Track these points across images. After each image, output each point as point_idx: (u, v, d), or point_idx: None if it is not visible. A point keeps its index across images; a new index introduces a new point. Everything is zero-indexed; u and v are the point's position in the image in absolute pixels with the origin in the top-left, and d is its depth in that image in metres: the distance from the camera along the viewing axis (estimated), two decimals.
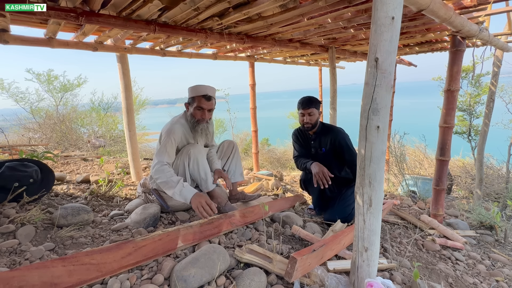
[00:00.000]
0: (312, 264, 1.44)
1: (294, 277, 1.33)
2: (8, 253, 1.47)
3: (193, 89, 2.06)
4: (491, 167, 6.40)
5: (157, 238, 1.50)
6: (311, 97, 2.41)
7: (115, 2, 1.98)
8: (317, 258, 1.48)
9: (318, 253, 1.48)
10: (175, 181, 1.83)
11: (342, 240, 1.77)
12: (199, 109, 2.05)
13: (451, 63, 2.47)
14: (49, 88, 8.91)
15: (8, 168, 1.98)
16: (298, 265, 1.33)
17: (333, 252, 1.67)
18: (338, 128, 2.49)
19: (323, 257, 1.56)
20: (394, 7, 1.09)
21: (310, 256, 1.42)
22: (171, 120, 2.16)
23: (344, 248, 1.80)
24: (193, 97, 2.05)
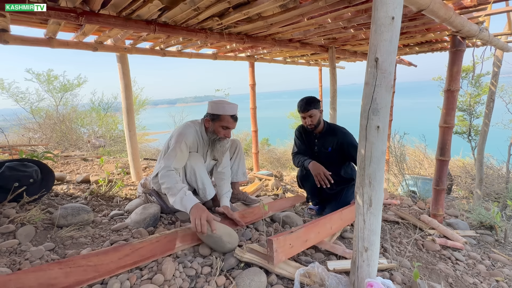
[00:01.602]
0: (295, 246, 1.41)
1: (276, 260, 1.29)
2: (8, 253, 1.47)
3: (220, 106, 1.95)
4: (491, 167, 6.40)
5: (154, 240, 1.50)
6: (309, 99, 2.39)
7: (115, 2, 1.98)
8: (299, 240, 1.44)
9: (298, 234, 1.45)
10: (178, 189, 1.71)
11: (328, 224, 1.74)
12: (225, 128, 1.98)
13: (451, 63, 2.47)
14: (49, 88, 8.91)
15: (8, 168, 1.98)
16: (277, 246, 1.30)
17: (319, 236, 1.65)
18: (343, 129, 2.49)
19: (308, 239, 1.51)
20: (394, 7, 1.09)
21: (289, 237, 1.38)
22: (184, 124, 2.06)
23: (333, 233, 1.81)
24: (219, 115, 1.95)
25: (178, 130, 1.97)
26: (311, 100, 2.38)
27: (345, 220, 2.04)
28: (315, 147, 2.53)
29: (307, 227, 1.59)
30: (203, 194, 2.08)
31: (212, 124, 1.99)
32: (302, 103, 2.38)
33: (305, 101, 2.37)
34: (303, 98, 2.42)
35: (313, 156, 2.55)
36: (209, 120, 1.99)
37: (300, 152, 2.57)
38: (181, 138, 1.89)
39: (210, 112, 1.99)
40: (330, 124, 2.51)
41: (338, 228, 1.87)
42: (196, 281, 1.34)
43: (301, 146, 2.59)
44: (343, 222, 2.02)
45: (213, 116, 1.97)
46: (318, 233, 1.64)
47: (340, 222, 1.98)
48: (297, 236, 1.46)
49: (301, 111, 2.39)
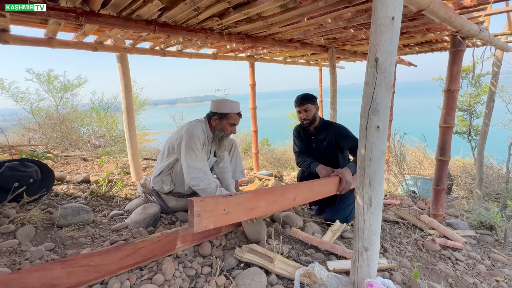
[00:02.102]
0: (233, 213, 1.21)
1: (197, 227, 1.08)
2: (8, 253, 1.47)
3: (228, 105, 2.06)
4: (491, 167, 6.40)
5: (155, 240, 1.50)
6: (306, 94, 2.47)
7: (115, 2, 1.98)
8: (241, 207, 1.25)
9: (239, 199, 1.25)
10: (213, 188, 1.86)
11: (289, 193, 1.57)
12: (232, 125, 2.10)
13: (451, 63, 2.47)
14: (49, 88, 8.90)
15: (8, 168, 1.98)
16: (200, 209, 1.09)
17: (275, 206, 1.47)
18: (338, 124, 2.54)
19: (256, 208, 1.34)
20: (394, 7, 1.09)
21: (222, 201, 1.18)
22: (190, 123, 2.08)
23: (297, 205, 1.72)
24: (226, 114, 2.05)
25: (187, 131, 1.97)
26: (308, 96, 2.45)
27: (316, 193, 1.84)
28: (313, 144, 2.55)
29: (256, 193, 1.39)
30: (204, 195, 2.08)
31: (220, 122, 2.07)
32: (299, 98, 2.46)
33: (302, 96, 2.45)
34: (300, 94, 2.49)
35: (312, 152, 2.58)
36: (217, 118, 2.06)
37: (301, 151, 2.60)
38: (194, 137, 1.93)
39: (217, 111, 2.05)
40: (326, 121, 2.55)
41: (304, 200, 1.67)
42: (196, 281, 1.34)
43: (301, 144, 2.62)
44: (313, 195, 1.81)
45: (220, 115, 2.05)
46: (273, 203, 1.46)
47: (309, 194, 1.77)
48: (237, 201, 1.26)
49: (297, 105, 2.45)
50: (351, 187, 2.13)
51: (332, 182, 2.04)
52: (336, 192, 2.07)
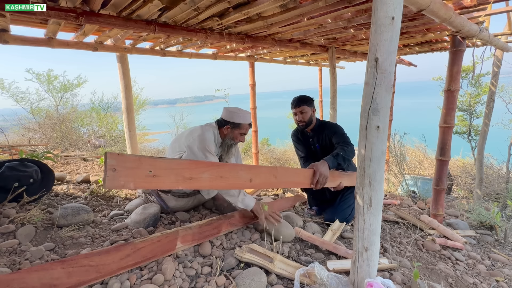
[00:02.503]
0: (162, 177, 1.10)
1: (110, 182, 0.95)
2: (8, 253, 1.47)
3: (242, 116, 2.10)
4: (491, 167, 6.40)
5: (155, 240, 1.50)
6: (302, 96, 2.45)
7: (115, 2, 1.98)
8: (174, 172, 1.14)
9: (174, 164, 1.14)
10: (236, 191, 1.91)
11: (243, 172, 1.45)
12: (242, 135, 2.16)
13: (451, 63, 2.47)
14: (49, 88, 8.90)
15: (8, 168, 1.98)
16: (115, 163, 0.96)
17: (223, 182, 1.35)
18: (331, 123, 2.52)
19: (194, 179, 1.22)
20: (394, 7, 1.09)
21: (148, 161, 1.06)
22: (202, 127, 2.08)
23: (255, 188, 1.67)
24: (239, 124, 2.11)
25: (202, 135, 1.98)
26: (303, 98, 2.43)
27: (281, 180, 1.72)
28: (312, 146, 2.55)
29: (197, 162, 1.29)
30: (206, 192, 2.11)
31: (232, 131, 2.12)
32: (295, 99, 2.44)
33: (298, 97, 2.43)
34: (296, 96, 2.47)
35: (313, 154, 2.56)
36: (229, 127, 2.11)
37: (307, 155, 2.57)
38: (208, 142, 1.97)
39: (230, 120, 2.08)
40: (321, 121, 2.54)
41: (264, 184, 1.57)
42: (196, 281, 1.34)
43: (304, 148, 2.60)
44: (277, 181, 1.69)
45: (233, 125, 2.10)
46: (220, 178, 1.34)
47: (271, 179, 1.63)
48: (169, 165, 1.13)
49: (294, 107, 2.43)
50: (328, 181, 2.02)
51: (303, 173, 1.95)
52: (310, 185, 1.98)
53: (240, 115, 2.09)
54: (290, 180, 1.84)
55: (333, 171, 2.15)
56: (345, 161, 2.14)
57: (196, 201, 2.27)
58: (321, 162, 2.02)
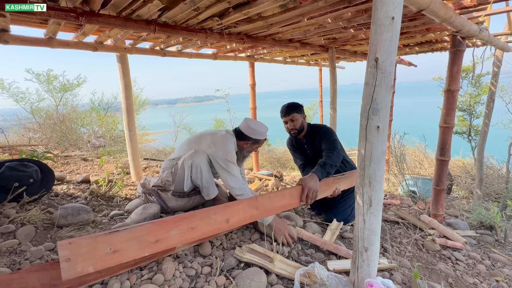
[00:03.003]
0: (124, 251, 1.07)
1: (67, 274, 0.94)
2: (8, 253, 1.47)
3: (263, 133, 2.17)
4: (491, 167, 6.40)
5: None
6: (290, 103, 2.40)
7: (115, 2, 1.98)
8: (135, 241, 1.10)
9: (131, 233, 1.07)
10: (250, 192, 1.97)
11: (216, 215, 1.37)
12: (257, 149, 2.31)
13: (451, 63, 2.47)
14: (49, 88, 8.91)
15: (8, 168, 1.98)
16: (69, 253, 0.94)
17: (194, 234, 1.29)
18: (322, 126, 2.46)
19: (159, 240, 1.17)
20: (394, 7, 1.09)
21: (103, 240, 1.02)
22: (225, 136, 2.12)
23: (233, 228, 1.48)
24: (259, 140, 2.19)
25: (226, 145, 2.04)
26: (292, 105, 2.38)
27: (264, 209, 1.62)
28: (307, 152, 2.52)
29: (161, 222, 1.20)
30: (207, 193, 2.10)
31: (251, 146, 2.22)
32: (284, 108, 2.38)
33: (287, 106, 2.38)
34: (285, 104, 2.41)
35: (310, 161, 2.53)
36: (250, 143, 2.18)
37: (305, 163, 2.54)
38: (232, 153, 2.05)
39: (253, 137, 2.14)
40: (312, 126, 2.48)
41: (244, 220, 1.49)
42: (196, 281, 1.34)
43: (301, 155, 2.57)
44: (259, 212, 1.57)
45: (255, 141, 2.18)
46: (191, 230, 1.29)
47: (253, 212, 1.53)
48: (131, 235, 1.08)
49: (283, 115, 2.38)
50: (321, 192, 1.98)
51: (289, 194, 1.83)
52: (300, 203, 1.91)
53: (262, 132, 2.17)
54: (276, 205, 1.72)
55: (326, 178, 2.10)
56: (332, 167, 2.09)
57: (196, 201, 2.27)
58: (309, 175, 1.96)
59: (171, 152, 9.85)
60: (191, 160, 2.03)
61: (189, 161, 2.04)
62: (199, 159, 2.03)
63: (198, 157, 2.04)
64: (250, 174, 4.56)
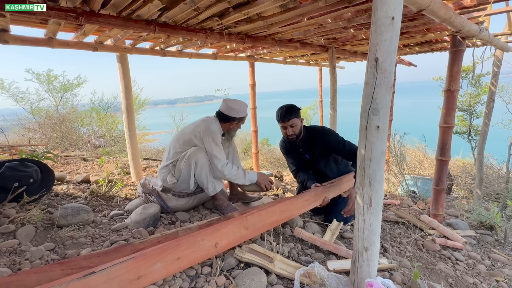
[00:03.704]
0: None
1: None
2: (8, 253, 1.47)
3: (243, 109, 2.23)
4: (491, 167, 6.40)
5: (155, 241, 1.49)
6: (289, 106, 2.20)
7: (115, 2, 1.98)
8: (112, 282, 1.02)
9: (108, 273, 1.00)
10: (242, 173, 2.19)
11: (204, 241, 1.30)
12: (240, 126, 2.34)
13: (451, 63, 2.47)
14: (49, 88, 8.90)
15: (8, 168, 1.98)
16: None
17: (181, 263, 1.23)
18: (321, 128, 2.36)
19: (142, 276, 1.09)
20: (394, 7, 1.09)
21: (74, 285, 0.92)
22: (208, 120, 2.20)
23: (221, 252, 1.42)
24: (243, 117, 2.27)
25: (210, 128, 2.11)
26: (291, 108, 2.18)
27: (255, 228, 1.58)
28: (302, 156, 2.42)
29: (144, 256, 1.10)
30: (213, 188, 2.13)
31: (237, 125, 2.28)
32: (282, 112, 2.18)
33: (285, 110, 2.17)
34: (281, 107, 2.22)
35: (305, 164, 2.44)
36: (236, 122, 2.25)
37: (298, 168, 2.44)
38: (217, 134, 2.13)
39: (237, 116, 2.21)
40: (308, 128, 2.36)
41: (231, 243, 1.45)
42: (196, 281, 1.34)
43: (294, 160, 2.46)
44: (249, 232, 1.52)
45: (240, 119, 2.25)
46: (177, 260, 1.21)
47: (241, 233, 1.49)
48: (109, 276, 1.01)
49: (281, 121, 2.19)
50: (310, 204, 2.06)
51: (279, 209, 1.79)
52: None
53: (242, 109, 2.23)
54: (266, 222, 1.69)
55: (316, 188, 2.13)
56: None
57: (196, 201, 2.27)
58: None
59: None
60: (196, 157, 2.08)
61: (194, 158, 2.08)
62: (202, 155, 2.08)
63: (202, 154, 2.09)
64: None
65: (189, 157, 2.09)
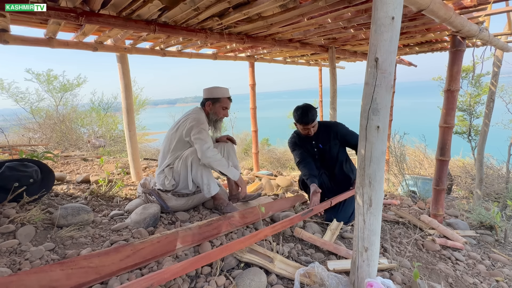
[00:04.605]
0: None
1: None
2: (8, 253, 1.47)
3: (218, 90, 2.25)
4: (491, 167, 6.39)
5: (155, 241, 1.50)
6: (308, 108, 2.29)
7: (115, 2, 1.98)
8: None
9: None
10: (226, 162, 2.14)
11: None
12: (224, 109, 2.29)
13: (451, 63, 2.47)
14: (48, 88, 8.89)
15: (8, 168, 1.98)
16: None
17: None
18: (333, 122, 2.56)
19: None
20: (394, 7, 1.09)
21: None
22: (193, 110, 2.26)
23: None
24: (218, 98, 2.25)
25: (196, 118, 2.15)
26: (310, 112, 2.28)
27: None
28: (315, 149, 2.52)
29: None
30: (208, 190, 2.12)
31: (213, 107, 2.26)
32: (304, 115, 2.26)
33: (306, 113, 2.27)
34: (301, 109, 2.30)
35: (315, 158, 2.54)
36: (210, 103, 2.25)
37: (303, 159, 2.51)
38: (203, 121, 2.15)
39: (210, 97, 2.24)
40: (321, 122, 2.52)
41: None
42: (196, 281, 1.34)
43: (303, 153, 2.54)
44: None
45: (213, 100, 2.25)
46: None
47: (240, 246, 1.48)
48: None
49: (305, 123, 2.29)
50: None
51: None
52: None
53: (217, 90, 2.25)
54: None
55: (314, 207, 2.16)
56: None
57: (196, 200, 2.27)
58: None
59: None
60: (191, 158, 2.08)
61: (189, 159, 2.08)
62: (196, 156, 2.08)
63: (195, 155, 2.08)
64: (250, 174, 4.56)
65: (186, 158, 2.10)
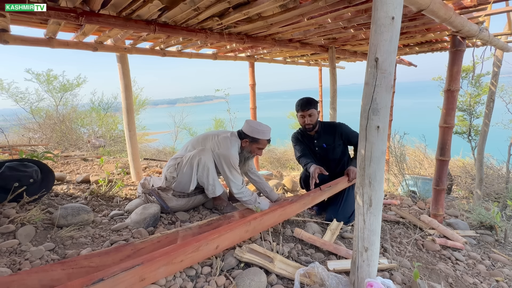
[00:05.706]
0: None
1: None
2: (8, 253, 1.47)
3: (261, 132, 2.18)
4: (491, 167, 6.40)
5: (155, 241, 1.50)
6: (309, 98, 2.44)
7: (115, 2, 1.98)
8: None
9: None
10: (255, 197, 2.15)
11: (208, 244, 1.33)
12: (260, 149, 2.27)
13: (451, 63, 2.47)
14: (48, 88, 8.89)
15: (8, 168, 1.98)
16: None
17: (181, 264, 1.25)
18: (337, 122, 2.57)
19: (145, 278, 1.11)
20: (394, 7, 1.09)
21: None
22: (229, 139, 2.17)
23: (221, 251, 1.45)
24: (259, 139, 2.20)
25: (229, 149, 2.11)
26: (311, 100, 2.42)
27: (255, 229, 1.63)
28: (316, 148, 2.54)
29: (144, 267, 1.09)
30: (212, 191, 2.12)
31: (250, 145, 2.22)
32: (303, 102, 2.41)
33: (306, 100, 2.42)
34: (303, 98, 2.45)
35: (315, 156, 2.55)
36: (248, 141, 2.21)
37: (304, 154, 2.56)
38: (234, 157, 2.11)
39: (251, 135, 2.18)
40: (324, 122, 2.57)
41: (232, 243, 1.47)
42: (196, 281, 1.34)
43: (301, 147, 2.59)
44: (249, 233, 1.57)
45: (252, 139, 2.20)
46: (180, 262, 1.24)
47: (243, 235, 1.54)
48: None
49: (301, 110, 2.41)
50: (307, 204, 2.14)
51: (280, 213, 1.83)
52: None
53: (260, 131, 2.18)
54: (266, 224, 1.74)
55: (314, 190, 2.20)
56: None
57: (196, 201, 2.27)
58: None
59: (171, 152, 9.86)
60: (198, 158, 2.08)
61: (196, 158, 2.08)
62: (206, 157, 2.08)
63: (205, 155, 2.08)
64: None
65: (192, 158, 2.10)
